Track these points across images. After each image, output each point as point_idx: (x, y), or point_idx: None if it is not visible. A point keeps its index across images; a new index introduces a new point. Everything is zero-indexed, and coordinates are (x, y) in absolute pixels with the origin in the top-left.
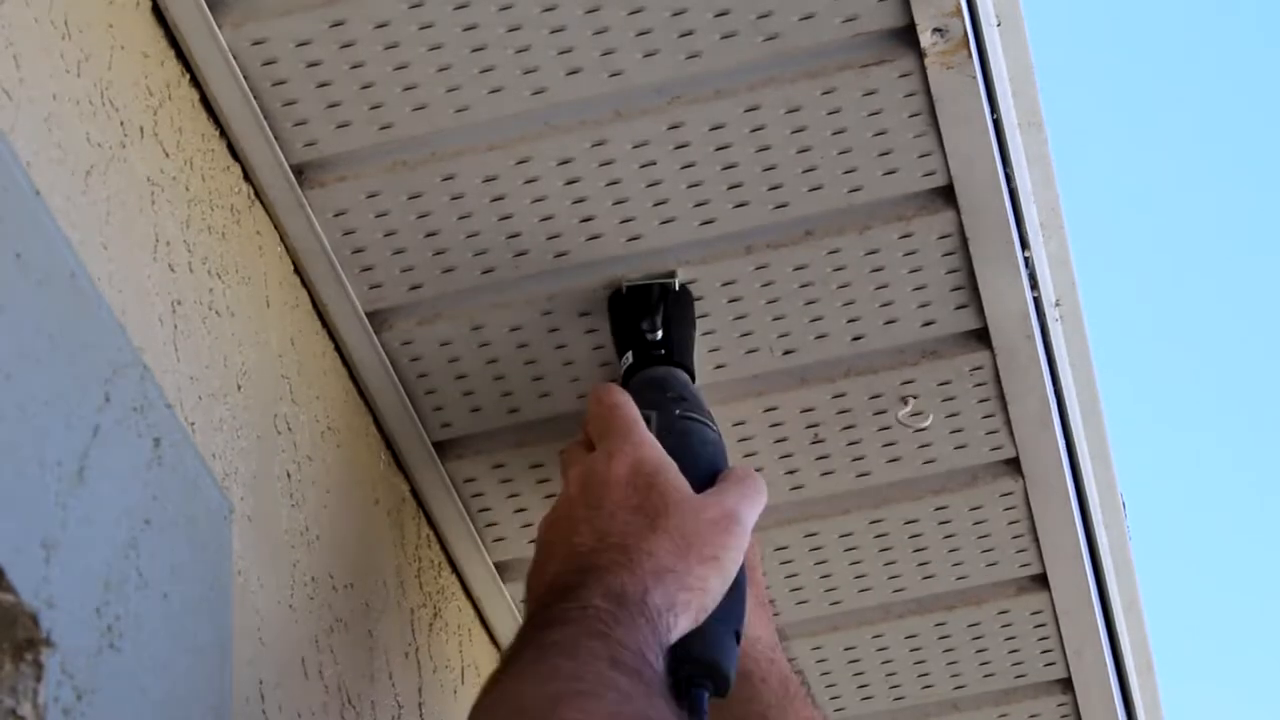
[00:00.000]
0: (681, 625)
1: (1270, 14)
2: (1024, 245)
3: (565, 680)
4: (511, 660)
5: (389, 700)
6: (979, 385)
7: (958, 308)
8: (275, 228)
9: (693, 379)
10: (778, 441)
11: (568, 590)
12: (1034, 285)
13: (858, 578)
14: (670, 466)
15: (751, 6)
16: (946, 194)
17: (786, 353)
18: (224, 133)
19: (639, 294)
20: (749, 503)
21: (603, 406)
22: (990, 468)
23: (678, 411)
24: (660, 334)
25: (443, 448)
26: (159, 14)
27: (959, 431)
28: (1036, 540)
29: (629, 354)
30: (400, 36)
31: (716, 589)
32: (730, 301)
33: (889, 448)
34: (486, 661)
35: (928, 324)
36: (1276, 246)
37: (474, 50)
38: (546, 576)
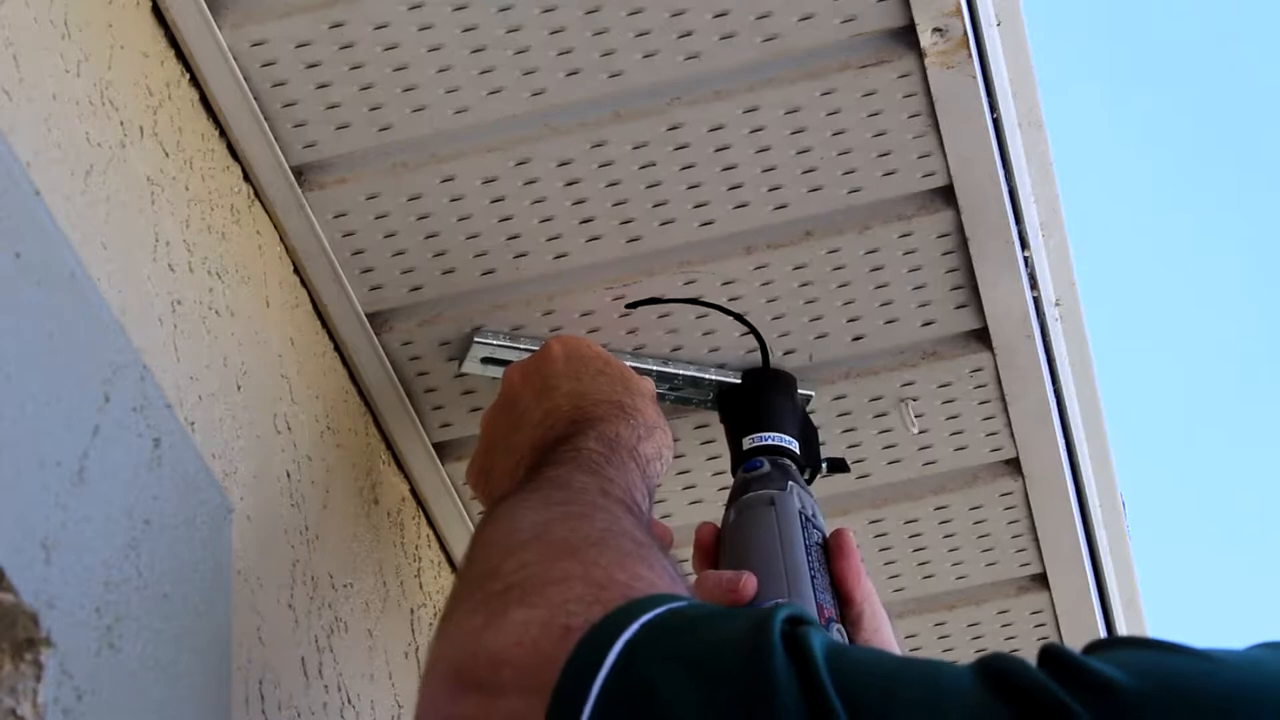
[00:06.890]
0: (659, 473)
1: (1270, 13)
2: (1024, 245)
3: (557, 505)
4: (511, 493)
5: (389, 700)
6: (979, 386)
7: (957, 308)
8: (275, 228)
9: None
10: None
11: (564, 438)
12: (1034, 285)
13: None
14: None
15: (751, 7)
16: (946, 194)
17: (787, 353)
18: (224, 133)
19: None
20: None
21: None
22: (990, 468)
23: (816, 539)
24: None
25: (443, 448)
26: (159, 14)
27: (959, 432)
28: (1036, 540)
29: (795, 442)
30: (400, 38)
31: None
32: (730, 301)
33: (889, 449)
34: None
35: (927, 324)
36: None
37: (473, 52)
38: (530, 433)
